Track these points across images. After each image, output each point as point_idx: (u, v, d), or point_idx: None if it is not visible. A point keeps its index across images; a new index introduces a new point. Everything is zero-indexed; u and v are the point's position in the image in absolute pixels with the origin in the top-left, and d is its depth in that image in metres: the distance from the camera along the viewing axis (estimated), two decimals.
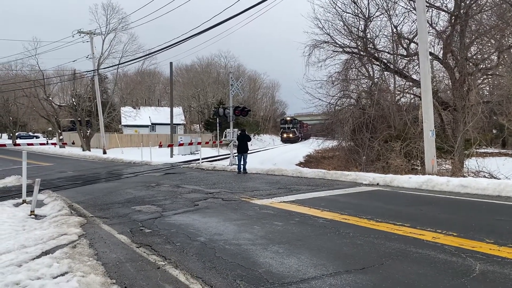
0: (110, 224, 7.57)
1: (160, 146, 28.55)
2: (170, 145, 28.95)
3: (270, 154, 34.27)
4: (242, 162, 16.85)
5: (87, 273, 4.75)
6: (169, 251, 5.73)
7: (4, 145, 27.85)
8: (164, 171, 18.45)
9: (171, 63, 35.05)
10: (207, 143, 26.84)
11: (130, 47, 42.63)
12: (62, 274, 4.83)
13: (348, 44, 22.48)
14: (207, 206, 9.14)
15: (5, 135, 78.06)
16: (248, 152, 17.77)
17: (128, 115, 51.42)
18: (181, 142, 33.09)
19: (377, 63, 22.33)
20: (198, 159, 22.62)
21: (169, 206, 9.21)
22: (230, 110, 21.07)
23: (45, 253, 5.68)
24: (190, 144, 31.65)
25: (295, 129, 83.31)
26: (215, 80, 72.90)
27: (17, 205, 9.50)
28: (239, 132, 18.58)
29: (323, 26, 22.21)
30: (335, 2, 21.69)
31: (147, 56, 38.01)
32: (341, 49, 22.48)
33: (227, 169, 18.29)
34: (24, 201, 9.63)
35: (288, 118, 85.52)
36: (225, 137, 21.49)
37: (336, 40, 22.33)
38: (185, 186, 12.63)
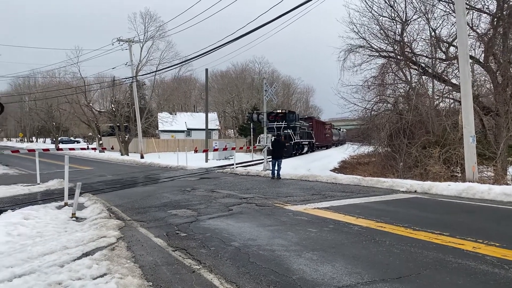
0: (147, 227, 7.75)
1: (196, 151, 28.97)
2: (205, 150, 29.33)
3: (304, 160, 34.37)
4: (276, 168, 16.82)
5: (125, 275, 4.89)
6: (204, 255, 5.80)
7: (48, 149, 29.07)
8: (199, 175, 18.71)
9: (206, 70, 35.61)
10: (241, 148, 27.03)
11: (167, 54, 43.69)
12: (101, 276, 4.99)
13: (384, 48, 22.12)
14: (241, 211, 9.20)
15: (48, 140, 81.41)
16: (283, 158, 17.67)
17: (165, 121, 52.53)
18: (216, 147, 33.46)
19: (415, 67, 21.83)
20: (232, 164, 22.78)
21: (204, 211, 9.33)
22: (264, 116, 21.16)
23: (85, 254, 5.89)
24: (225, 149, 31.91)
25: (291, 131, 39.10)
26: (249, 86, 73.35)
27: (59, 207, 9.88)
28: (273, 137, 18.56)
29: (359, 31, 21.96)
30: (371, 6, 21.41)
31: (183, 63, 38.75)
32: (377, 53, 22.15)
33: (261, 175, 18.33)
34: (66, 204, 10.01)
35: (280, 112, 41.05)
36: (259, 142, 21.66)
37: (372, 44, 22.03)
38: (219, 191, 12.75)
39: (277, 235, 6.82)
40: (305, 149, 45.31)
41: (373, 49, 22.08)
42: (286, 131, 37.62)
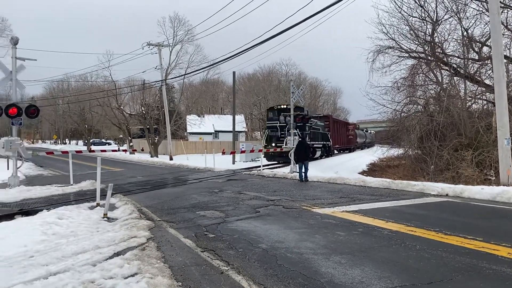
0: (176, 228, 7.87)
1: (223, 153, 29.14)
2: (232, 152, 29.48)
3: (332, 162, 33.73)
4: (303, 170, 16.74)
5: (155, 275, 4.99)
6: (232, 256, 5.85)
7: (81, 151, 29.89)
8: (226, 177, 18.83)
9: (234, 73, 35.83)
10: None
11: (195, 58, 44.15)
12: (132, 275, 5.10)
13: (414, 49, 21.71)
14: (268, 213, 9.21)
15: (80, 142, 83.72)
16: (309, 160, 17.58)
17: (193, 123, 53.14)
18: (243, 149, 33.57)
19: (446, 68, 21.31)
20: (259, 166, 22.83)
21: (232, 212, 9.40)
22: (291, 118, 21.09)
23: (117, 254, 6.03)
24: (252, 151, 32.03)
25: (297, 131, 26.69)
26: (276, 88, 73.30)
27: (91, 208, 10.15)
28: (298, 140, 18.44)
29: (388, 31, 21.63)
30: (401, 7, 21.06)
31: (211, 66, 39.12)
32: (407, 54, 21.76)
33: (288, 177, 18.29)
34: (98, 204, 10.27)
35: (284, 107, 30.67)
36: (286, 144, 21.51)
37: (402, 45, 21.66)
38: (246, 193, 12.81)
39: (305, 238, 6.80)
40: (318, 153, 34.81)
41: (403, 50, 21.72)
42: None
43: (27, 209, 10.33)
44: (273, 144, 28.70)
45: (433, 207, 9.76)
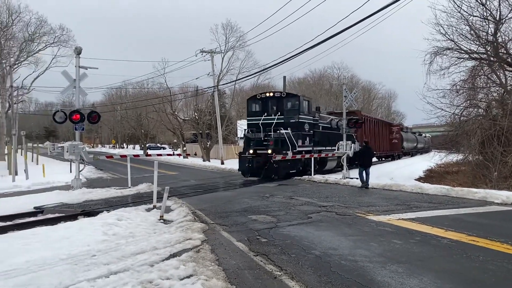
0: (229, 231, 7.97)
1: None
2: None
3: (387, 168, 32.63)
4: (364, 176, 16.06)
5: (210, 277, 5.07)
6: (285, 261, 5.83)
7: (138, 155, 31.12)
8: (277, 182, 18.83)
9: (284, 77, 35.75)
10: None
11: (246, 64, 44.73)
12: (188, 277, 5.23)
13: (475, 49, 20.65)
14: (320, 220, 9.10)
15: (137, 146, 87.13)
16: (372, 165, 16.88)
17: (244, 128, 53.68)
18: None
19: (510, 69, 20.10)
20: (310, 172, 22.60)
21: (283, 217, 9.38)
22: (343, 122, 20.75)
23: (173, 255, 6.20)
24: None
25: (290, 132, 19.97)
26: (327, 92, 72.49)
27: (148, 210, 10.51)
28: (363, 144, 17.62)
29: (446, 32, 20.72)
30: (460, 6, 20.11)
31: (262, 72, 39.41)
32: (467, 55, 20.74)
33: (340, 183, 17.98)
34: (154, 207, 10.62)
35: (272, 95, 21.55)
36: (338, 149, 21.13)
37: (461, 46, 20.66)
38: (298, 198, 12.73)
39: (359, 245, 6.65)
40: (330, 163, 24.52)
41: (462, 51, 20.72)
42: (281, 131, 19.51)
43: (88, 210, 10.88)
44: (251, 151, 19.82)
45: (497, 216, 9.22)
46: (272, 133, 19.87)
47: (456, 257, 5.84)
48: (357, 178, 17.88)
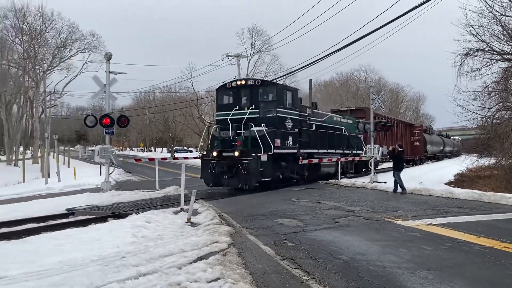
0: (255, 235, 7.97)
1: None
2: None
3: (415, 172, 31.87)
4: (398, 180, 15.58)
5: (237, 281, 5.10)
6: (312, 266, 5.79)
7: (166, 158, 31.59)
8: (303, 186, 18.72)
9: (310, 80, 35.68)
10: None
11: (272, 67, 44.88)
12: (215, 280, 5.27)
13: (508, 50, 20.02)
14: (348, 224, 9.00)
15: (165, 149, 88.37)
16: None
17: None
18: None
19: None
20: (337, 175, 22.38)
21: (310, 222, 9.32)
22: (371, 125, 20.48)
23: (200, 258, 6.26)
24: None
25: (264, 130, 15.74)
26: (354, 95, 71.73)
27: (176, 212, 10.65)
28: (398, 147, 16.82)
29: (477, 33, 20.15)
30: (492, 6, 19.55)
31: (288, 75, 39.39)
32: (499, 57, 20.11)
33: (368, 187, 17.72)
34: (181, 209, 10.75)
35: (244, 83, 17.30)
36: (365, 153, 20.83)
37: (493, 47, 20.07)
38: (324, 202, 12.63)
39: (388, 251, 6.54)
40: (328, 169, 21.18)
41: (495, 52, 20.11)
42: (254, 128, 15.76)
43: (118, 212, 11.11)
44: (215, 154, 15.97)
45: None
46: (242, 130, 15.86)
47: (489, 265, 5.67)
48: (385, 182, 17.65)
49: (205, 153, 17.35)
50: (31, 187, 19.67)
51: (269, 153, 15.41)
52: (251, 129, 15.69)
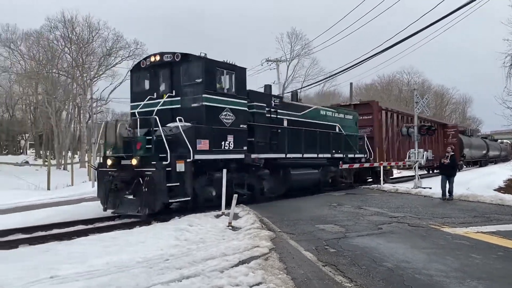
0: (296, 240, 7.93)
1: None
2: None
3: (462, 177, 30.50)
4: (450, 186, 14.98)
5: (279, 286, 5.09)
6: (355, 273, 5.69)
7: None
8: (344, 191, 18.46)
9: (351, 84, 35.37)
10: (389, 164, 25.50)
11: (311, 71, 44.69)
12: (257, 284, 5.28)
13: None
14: (391, 231, 8.78)
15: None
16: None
17: None
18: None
19: None
20: (379, 180, 21.90)
21: (352, 228, 9.16)
22: (415, 129, 19.91)
23: (242, 262, 6.29)
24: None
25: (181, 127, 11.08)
26: (396, 98, 70.05)
27: (217, 216, 10.76)
28: (451, 151, 15.88)
29: None
30: None
31: (328, 79, 39.20)
32: None
33: (412, 192, 17.22)
34: (223, 213, 10.86)
35: (156, 59, 12.46)
36: (409, 158, 20.23)
37: None
38: (366, 208, 12.39)
39: (434, 259, 6.32)
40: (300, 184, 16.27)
41: None
42: (171, 124, 11.47)
43: (161, 215, 11.34)
44: (109, 162, 11.36)
45: None
46: (153, 128, 10.91)
47: None
48: (430, 188, 17.13)
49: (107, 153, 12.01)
50: (79, 190, 20.48)
51: (188, 160, 10.84)
52: (168, 125, 11.30)
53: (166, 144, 10.49)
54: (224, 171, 11.23)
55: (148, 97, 12.32)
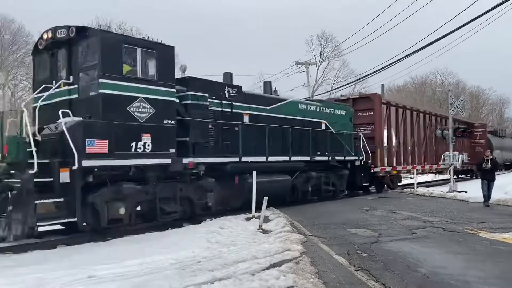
0: (327, 244, 7.86)
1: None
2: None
3: (501, 181, 29.10)
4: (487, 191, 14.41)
5: None
6: (388, 278, 5.58)
7: None
8: (375, 194, 18.18)
9: (382, 85, 34.50)
10: (423, 167, 24.80)
11: (341, 73, 44.24)
12: None
13: None
14: (426, 236, 8.57)
15: None
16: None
17: None
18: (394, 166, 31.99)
19: None
20: (412, 184, 21.44)
21: (385, 232, 9.00)
22: (450, 132, 19.39)
23: (273, 265, 6.28)
24: (404, 168, 30.33)
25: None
26: (429, 99, 68.35)
27: (247, 219, 10.80)
28: (490, 155, 15.17)
29: None
30: None
31: (358, 80, 38.58)
32: None
33: (446, 196, 16.77)
34: (253, 216, 10.88)
35: (49, 36, 9.63)
36: (443, 161, 19.68)
37: None
38: (399, 212, 12.14)
39: (472, 265, 6.13)
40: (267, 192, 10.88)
41: None
42: (63, 119, 8.43)
43: (193, 217, 11.47)
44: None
45: None
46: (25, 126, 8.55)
47: None
48: (466, 192, 16.66)
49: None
50: None
51: (73, 167, 8.18)
52: (60, 120, 8.60)
53: (32, 146, 7.93)
54: (254, 173, 11.24)
55: (43, 86, 9.53)
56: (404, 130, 21.49)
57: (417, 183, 20.85)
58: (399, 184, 21.81)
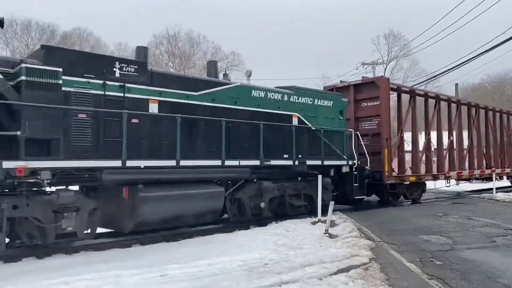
0: (398, 250, 7.58)
1: (448, 173, 26.75)
2: (459, 173, 26.76)
3: None
4: None
5: None
6: None
7: None
8: (450, 200, 17.21)
9: (456, 84, 32.96)
10: (503, 171, 23.00)
11: (411, 73, 42.54)
12: None
13: None
14: (507, 244, 7.99)
15: None
16: None
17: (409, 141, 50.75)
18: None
19: None
20: (491, 189, 20.01)
21: (460, 239, 8.50)
22: None
23: (341, 271, 6.18)
24: (482, 172, 28.42)
25: None
26: (509, 98, 63.58)
27: (313, 223, 10.69)
28: None
29: None
30: None
31: (429, 80, 36.93)
32: None
33: None
34: (319, 220, 10.75)
35: None
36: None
37: None
38: (477, 219, 11.41)
39: None
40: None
41: None
42: None
43: (259, 220, 11.56)
44: None
45: None
46: None
47: None
48: None
49: None
50: None
51: None
52: None
53: None
54: (319, 177, 11.14)
55: None
56: (439, 127, 18.30)
57: (496, 188, 19.43)
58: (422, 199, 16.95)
